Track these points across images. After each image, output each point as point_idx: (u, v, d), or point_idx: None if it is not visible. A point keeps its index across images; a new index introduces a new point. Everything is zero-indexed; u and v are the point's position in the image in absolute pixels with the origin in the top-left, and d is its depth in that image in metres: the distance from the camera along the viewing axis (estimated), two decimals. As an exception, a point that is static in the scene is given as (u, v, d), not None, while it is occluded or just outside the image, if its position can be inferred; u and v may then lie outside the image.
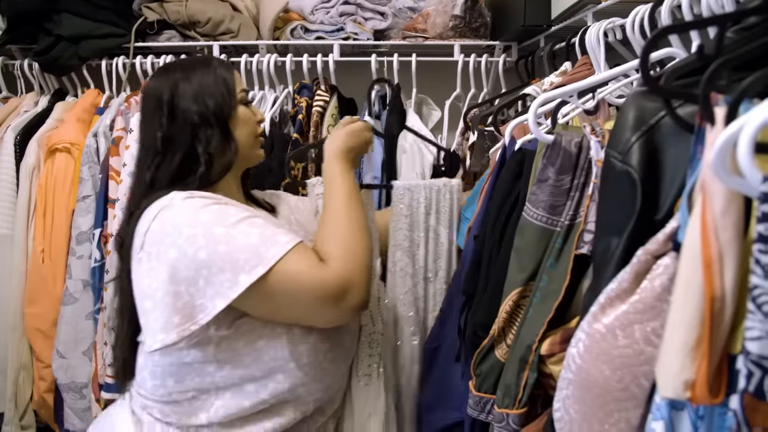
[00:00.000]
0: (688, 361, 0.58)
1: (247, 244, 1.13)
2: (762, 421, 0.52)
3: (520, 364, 0.99)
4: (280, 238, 1.15)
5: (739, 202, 0.56)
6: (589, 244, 0.93)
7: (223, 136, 1.31)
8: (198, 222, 1.15)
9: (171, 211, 1.18)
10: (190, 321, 1.14)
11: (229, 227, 1.15)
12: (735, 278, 0.56)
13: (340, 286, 1.15)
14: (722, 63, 0.65)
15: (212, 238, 1.13)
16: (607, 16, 1.40)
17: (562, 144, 1.02)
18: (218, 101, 1.32)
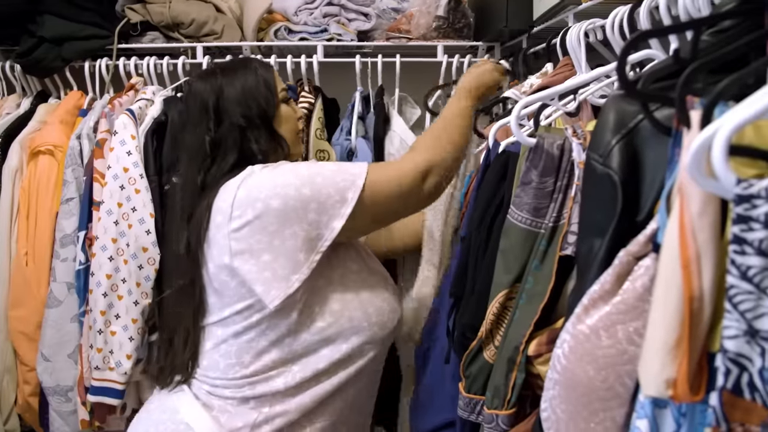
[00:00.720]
0: (669, 359, 0.59)
1: (336, 170, 1.29)
2: (740, 417, 0.53)
3: (508, 365, 1.00)
4: (352, 165, 1.33)
5: (715, 204, 0.58)
6: (573, 245, 0.95)
7: (270, 135, 1.41)
8: (285, 172, 1.28)
9: (253, 178, 1.28)
10: (314, 251, 1.27)
11: (312, 167, 1.29)
12: (713, 278, 0.57)
13: (419, 170, 1.33)
14: (697, 67, 0.66)
15: (307, 177, 1.26)
16: (588, 17, 1.41)
17: (545, 147, 1.03)
18: (261, 103, 1.40)
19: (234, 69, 1.45)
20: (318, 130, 2.01)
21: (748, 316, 0.52)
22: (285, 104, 1.46)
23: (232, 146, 1.37)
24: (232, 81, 1.41)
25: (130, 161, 1.82)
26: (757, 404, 0.52)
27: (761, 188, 0.51)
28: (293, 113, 1.49)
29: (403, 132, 2.02)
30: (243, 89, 1.40)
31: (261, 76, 1.43)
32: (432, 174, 1.34)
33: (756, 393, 0.52)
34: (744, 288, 0.52)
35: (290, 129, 1.47)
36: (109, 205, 1.81)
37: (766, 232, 0.51)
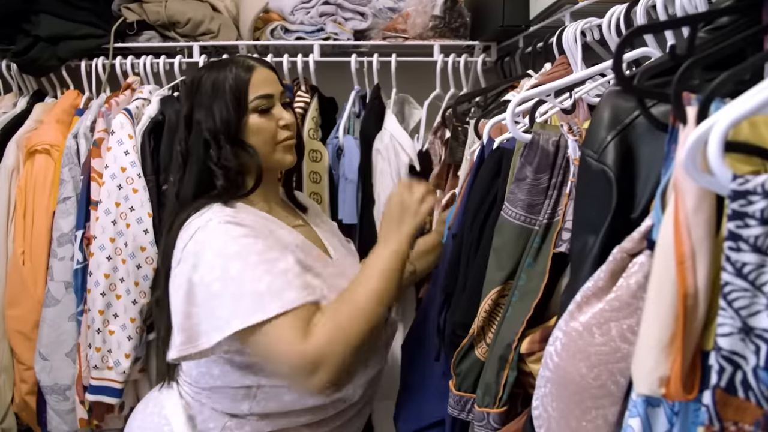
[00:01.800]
0: (663, 357, 0.59)
1: (254, 290, 1.16)
2: (733, 416, 0.53)
3: (499, 363, 0.99)
4: (287, 295, 1.17)
5: (710, 200, 0.57)
6: (567, 242, 0.94)
7: (235, 149, 1.32)
8: (222, 253, 1.20)
9: (205, 234, 1.22)
10: (191, 344, 1.20)
11: (246, 267, 1.18)
12: (707, 275, 0.57)
13: (311, 362, 1.15)
14: (693, 63, 0.66)
15: (227, 274, 1.18)
16: (584, 16, 1.42)
17: (540, 143, 1.03)
18: (224, 116, 1.31)
19: (212, 67, 1.38)
20: (311, 130, 2.00)
21: (742, 313, 0.52)
22: (258, 114, 1.35)
23: (196, 160, 1.33)
24: (205, 82, 1.35)
25: (127, 161, 1.82)
26: (750, 403, 0.52)
27: (757, 184, 0.51)
28: (267, 124, 1.36)
29: (395, 129, 2.01)
30: (210, 98, 1.33)
31: (232, 78, 1.33)
32: (322, 370, 1.15)
33: (750, 391, 0.51)
34: (739, 285, 0.52)
35: (262, 140, 1.35)
36: (106, 205, 1.81)
37: (761, 229, 0.50)
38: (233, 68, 1.35)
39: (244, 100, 1.33)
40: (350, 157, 1.99)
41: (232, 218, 1.25)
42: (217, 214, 1.26)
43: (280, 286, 1.17)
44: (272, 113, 1.37)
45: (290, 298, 1.17)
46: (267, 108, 1.36)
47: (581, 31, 1.37)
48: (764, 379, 0.50)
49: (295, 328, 1.15)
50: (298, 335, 1.15)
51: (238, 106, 1.32)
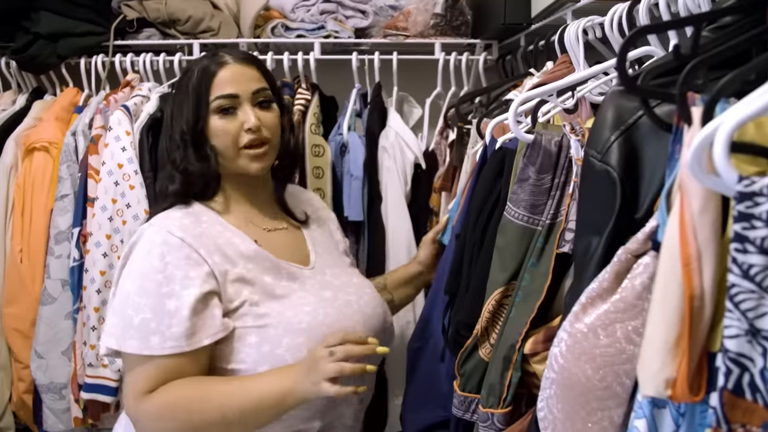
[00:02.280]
0: (669, 359, 0.58)
1: (128, 317, 1.17)
2: (741, 418, 0.52)
3: (504, 364, 0.99)
4: (151, 339, 1.16)
5: (716, 201, 0.57)
6: (570, 242, 0.94)
7: (195, 150, 1.28)
8: (130, 266, 1.22)
9: (136, 239, 1.24)
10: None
11: (136, 291, 1.19)
12: (713, 277, 0.57)
13: (133, 418, 1.21)
14: (698, 63, 0.65)
15: (122, 288, 1.21)
16: (585, 15, 1.41)
17: (542, 143, 1.02)
18: (187, 116, 1.28)
19: (192, 63, 1.34)
20: (313, 126, 2.00)
21: (749, 315, 0.51)
22: (219, 115, 1.27)
23: (167, 162, 1.33)
24: (181, 82, 1.32)
25: (124, 157, 1.82)
26: (758, 405, 0.51)
27: (763, 185, 0.50)
28: (227, 126, 1.27)
29: (399, 127, 2.01)
30: (179, 95, 1.31)
31: (195, 78, 1.28)
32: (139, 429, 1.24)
33: (758, 393, 0.51)
34: (746, 287, 0.51)
35: (224, 144, 1.27)
36: (103, 202, 1.81)
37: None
38: (204, 63, 1.30)
39: (204, 99, 1.27)
40: (355, 153, 1.98)
41: (167, 226, 1.23)
42: (161, 219, 1.26)
43: (152, 327, 1.16)
44: (237, 114, 1.28)
45: (152, 343, 1.16)
46: (229, 108, 1.27)
47: (583, 29, 1.37)
48: (772, 382, 0.50)
49: (143, 378, 1.17)
50: (141, 385, 1.17)
51: (197, 106, 1.27)
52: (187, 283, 1.18)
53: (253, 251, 1.28)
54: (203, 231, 1.25)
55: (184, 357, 1.17)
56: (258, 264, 1.27)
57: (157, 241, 1.20)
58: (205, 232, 1.25)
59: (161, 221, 1.24)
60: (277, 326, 1.21)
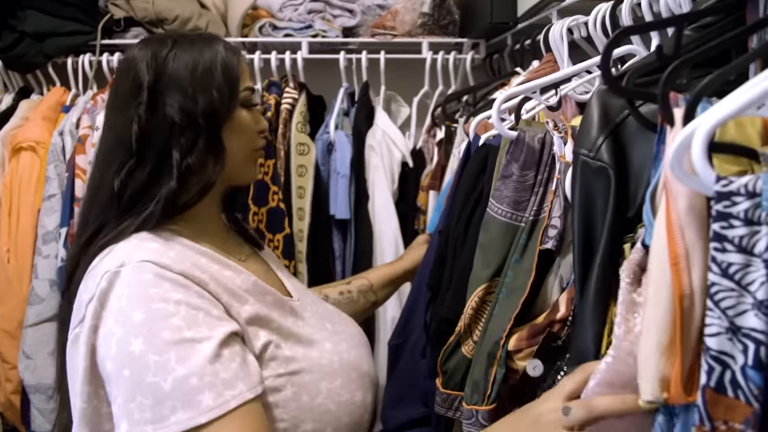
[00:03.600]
0: (663, 361, 0.58)
1: (153, 387, 0.85)
2: (723, 415, 0.53)
3: (488, 360, 0.99)
4: (201, 399, 0.85)
5: (702, 200, 0.57)
6: (554, 239, 0.94)
7: (210, 145, 1.02)
8: (126, 320, 0.89)
9: (112, 286, 0.91)
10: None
11: (151, 349, 0.87)
12: (703, 276, 0.56)
13: None
14: (680, 63, 0.66)
15: (126, 353, 0.87)
16: (570, 14, 1.41)
17: (525, 140, 1.02)
18: (213, 98, 1.02)
19: (191, 42, 1.05)
20: (299, 124, 2.00)
21: (729, 313, 0.52)
22: (245, 109, 1.09)
23: (155, 147, 1.00)
24: (182, 57, 1.02)
25: (112, 157, 1.81)
26: (740, 401, 0.52)
27: (740, 185, 0.51)
28: (253, 124, 1.10)
29: (386, 126, 2.02)
30: (193, 71, 1.02)
31: (223, 59, 1.04)
32: None
33: (739, 390, 0.51)
34: (725, 285, 0.52)
35: (244, 143, 1.09)
36: (88, 204, 1.80)
37: (746, 229, 0.50)
38: (221, 47, 1.06)
39: (236, 88, 1.05)
40: (342, 152, 1.99)
41: (155, 260, 0.93)
42: (135, 252, 0.94)
43: (194, 384, 0.85)
44: (254, 112, 1.12)
45: (206, 404, 0.85)
46: (251, 105, 1.11)
47: (568, 28, 1.37)
48: (753, 378, 0.51)
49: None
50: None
51: (230, 93, 1.04)
52: (214, 323, 0.91)
53: (252, 284, 1.04)
54: (195, 264, 0.98)
55: (250, 405, 0.89)
56: (261, 299, 1.03)
57: (150, 279, 0.91)
58: (198, 266, 0.98)
59: (138, 255, 0.94)
60: (311, 371, 1.02)
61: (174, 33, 1.12)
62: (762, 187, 0.50)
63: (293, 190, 1.98)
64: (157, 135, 1.00)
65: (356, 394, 1.07)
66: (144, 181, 1.00)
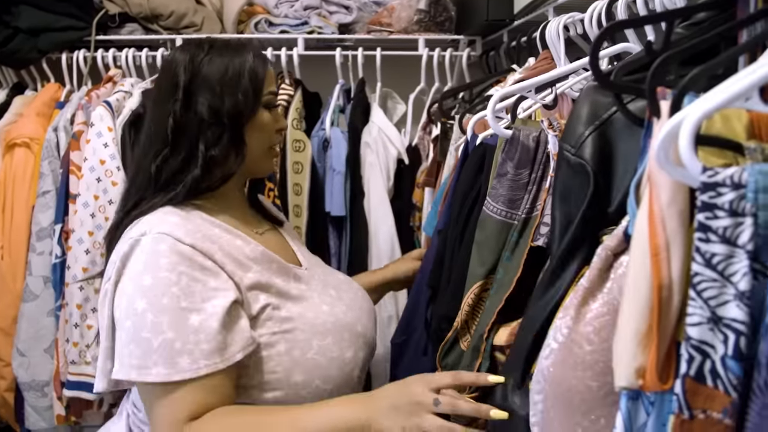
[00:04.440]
0: (639, 349, 0.59)
1: (146, 341, 1.02)
2: (702, 404, 0.53)
3: (473, 353, 1.00)
4: (179, 361, 1.01)
5: (684, 192, 0.57)
6: (545, 236, 0.95)
7: (232, 140, 1.18)
8: (136, 281, 1.06)
9: (131, 250, 1.08)
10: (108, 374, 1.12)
11: (151, 309, 1.03)
12: (682, 267, 0.57)
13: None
14: (666, 58, 0.66)
15: (132, 309, 1.04)
16: (567, 11, 1.42)
17: (520, 139, 1.03)
18: (238, 99, 1.18)
19: (224, 48, 1.22)
20: (295, 121, 2.00)
21: (711, 303, 0.52)
22: (267, 111, 1.24)
23: (188, 139, 1.17)
24: (215, 61, 1.19)
25: (106, 153, 1.81)
26: (719, 391, 0.52)
27: (726, 176, 0.51)
28: (273, 123, 1.25)
29: (382, 123, 2.02)
30: (222, 75, 1.18)
31: (251, 67, 1.20)
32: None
33: (718, 380, 0.52)
34: (708, 275, 0.52)
35: (263, 140, 1.24)
36: (85, 198, 1.80)
37: (730, 220, 0.51)
38: (251, 54, 1.22)
39: (260, 91, 1.21)
40: (338, 148, 1.98)
41: (171, 232, 1.09)
42: (157, 224, 1.10)
43: (177, 348, 1.02)
44: (274, 113, 1.27)
45: (182, 366, 1.01)
46: (273, 107, 1.27)
47: (564, 25, 1.37)
48: (732, 368, 0.51)
49: (178, 407, 1.03)
50: (177, 414, 1.02)
51: (254, 96, 1.20)
52: (209, 294, 1.06)
53: (260, 253, 1.19)
54: (207, 235, 1.13)
55: (220, 375, 1.04)
56: (267, 266, 1.18)
57: (163, 250, 1.07)
58: (210, 236, 1.13)
59: (161, 227, 1.10)
60: (303, 329, 1.15)
61: (211, 38, 1.27)
62: (747, 179, 0.50)
63: (289, 187, 1.98)
64: (189, 129, 1.16)
65: (347, 351, 1.20)
66: (176, 167, 1.16)
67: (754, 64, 0.57)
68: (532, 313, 0.82)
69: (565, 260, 0.77)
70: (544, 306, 0.80)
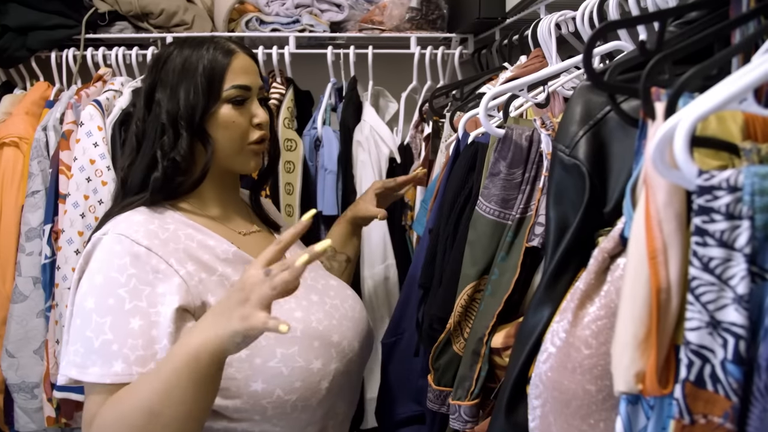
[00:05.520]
0: (638, 353, 0.58)
1: (88, 340, 1.02)
2: (702, 408, 0.53)
3: (472, 357, 0.99)
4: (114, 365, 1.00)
5: (681, 195, 0.57)
6: (540, 236, 0.94)
7: (192, 140, 1.16)
8: (90, 279, 1.06)
9: (92, 249, 1.10)
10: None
11: (97, 309, 1.03)
12: (680, 270, 0.57)
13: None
14: (661, 58, 0.65)
15: (82, 306, 1.05)
16: (558, 9, 1.42)
17: (513, 138, 1.02)
18: (190, 100, 1.15)
19: (186, 44, 1.20)
20: (286, 120, 1.99)
21: (710, 307, 0.51)
22: (231, 105, 1.18)
23: (150, 145, 1.16)
24: (174, 60, 1.17)
25: (96, 153, 1.80)
26: (719, 395, 0.51)
27: (722, 179, 0.50)
28: (239, 118, 1.19)
29: (374, 121, 2.02)
30: (178, 73, 1.16)
31: (207, 61, 1.16)
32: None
33: (718, 384, 0.51)
34: (706, 279, 0.51)
35: (229, 137, 1.19)
36: (75, 198, 1.79)
37: (727, 224, 0.50)
38: (211, 48, 1.18)
39: (217, 86, 1.17)
40: (329, 147, 1.98)
41: (129, 233, 1.08)
42: (119, 224, 1.11)
43: (114, 350, 1.01)
44: (247, 107, 1.21)
45: (115, 370, 1.00)
46: (242, 100, 1.19)
47: (556, 23, 1.37)
48: (732, 372, 0.50)
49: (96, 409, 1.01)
50: (90, 416, 1.02)
51: (209, 92, 1.16)
52: (155, 300, 1.05)
53: (232, 254, 1.18)
54: (172, 236, 1.12)
55: None
56: (237, 268, 1.17)
57: (119, 250, 1.06)
58: (174, 238, 1.12)
59: (121, 227, 1.10)
60: (268, 336, 1.08)
61: (183, 37, 1.28)
62: (743, 182, 0.50)
63: (281, 186, 1.97)
64: (149, 132, 1.17)
65: (314, 362, 1.14)
66: (141, 172, 1.17)
67: (748, 65, 0.56)
68: (532, 322, 0.81)
69: (561, 265, 0.77)
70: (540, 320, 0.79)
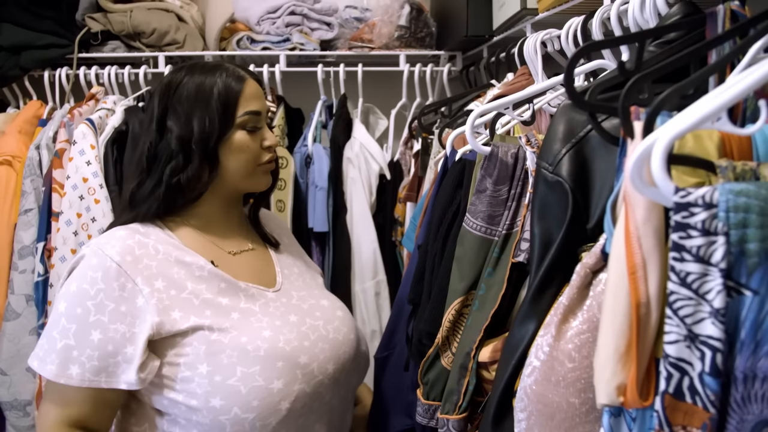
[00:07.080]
0: (619, 366, 0.59)
1: (53, 339, 1.11)
2: (681, 420, 0.54)
3: (460, 371, 1.00)
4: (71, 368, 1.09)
5: (659, 211, 0.59)
6: (526, 252, 0.96)
7: (202, 164, 1.19)
8: (67, 286, 1.14)
9: (79, 263, 1.15)
10: None
11: (66, 314, 1.11)
12: (659, 284, 0.58)
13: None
14: (639, 79, 0.68)
15: (56, 308, 1.14)
16: (544, 27, 1.44)
17: (499, 155, 1.04)
18: (205, 127, 1.18)
19: (198, 70, 1.23)
20: (277, 137, 2.01)
21: (687, 321, 0.53)
22: (244, 132, 1.22)
23: (159, 166, 1.20)
24: (187, 85, 1.20)
25: (89, 171, 1.81)
26: (698, 407, 0.53)
27: (698, 196, 0.52)
28: (251, 143, 1.23)
29: (364, 138, 2.04)
30: (191, 99, 1.19)
31: (221, 88, 1.20)
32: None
33: (696, 396, 0.53)
34: (683, 294, 0.53)
35: (242, 161, 1.22)
36: (68, 216, 1.79)
37: (703, 239, 0.52)
38: (223, 75, 1.21)
39: (232, 113, 1.20)
40: (320, 164, 2.00)
41: (105, 248, 1.14)
42: (101, 238, 1.17)
43: (73, 356, 1.10)
44: (257, 132, 1.24)
45: (71, 372, 1.10)
46: (254, 127, 1.23)
47: (542, 41, 1.40)
48: (709, 384, 0.52)
49: (60, 406, 1.13)
50: (55, 411, 1.13)
51: (224, 119, 1.19)
52: (116, 317, 1.11)
53: (207, 271, 1.20)
54: (147, 252, 1.16)
55: (103, 390, 1.12)
56: (212, 285, 1.19)
57: (94, 264, 1.13)
58: (149, 254, 1.16)
59: (102, 240, 1.16)
60: (231, 354, 1.12)
61: (191, 62, 1.27)
62: (719, 199, 0.51)
63: (273, 203, 1.98)
64: (160, 156, 1.20)
65: (275, 382, 1.14)
66: (147, 192, 1.21)
67: (723, 85, 0.58)
68: (517, 336, 0.83)
69: (546, 280, 0.78)
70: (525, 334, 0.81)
